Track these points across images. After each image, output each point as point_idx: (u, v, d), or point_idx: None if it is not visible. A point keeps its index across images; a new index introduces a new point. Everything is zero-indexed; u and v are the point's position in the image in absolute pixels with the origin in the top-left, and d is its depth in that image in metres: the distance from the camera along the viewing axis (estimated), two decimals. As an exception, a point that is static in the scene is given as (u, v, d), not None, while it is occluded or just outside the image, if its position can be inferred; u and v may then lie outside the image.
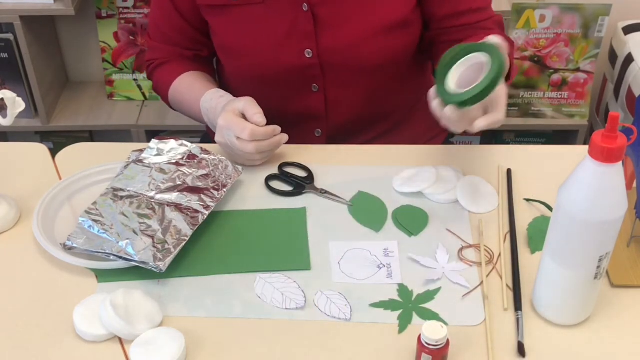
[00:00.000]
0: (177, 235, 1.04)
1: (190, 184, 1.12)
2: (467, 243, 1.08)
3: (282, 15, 1.21)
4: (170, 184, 1.12)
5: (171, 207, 1.08)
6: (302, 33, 1.21)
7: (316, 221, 1.12)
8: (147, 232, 1.04)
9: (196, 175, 1.14)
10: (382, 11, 1.21)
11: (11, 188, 1.17)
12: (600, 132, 0.81)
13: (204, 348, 0.93)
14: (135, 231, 1.03)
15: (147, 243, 1.02)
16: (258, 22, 1.22)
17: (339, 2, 1.20)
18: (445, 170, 1.19)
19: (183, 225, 1.05)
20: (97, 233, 1.04)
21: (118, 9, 2.14)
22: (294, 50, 1.23)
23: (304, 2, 1.19)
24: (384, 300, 0.99)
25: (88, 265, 1.03)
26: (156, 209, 1.07)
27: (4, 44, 2.04)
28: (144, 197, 1.09)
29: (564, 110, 2.20)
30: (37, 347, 0.94)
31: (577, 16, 2.04)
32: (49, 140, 2.32)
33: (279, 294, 1.00)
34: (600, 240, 0.87)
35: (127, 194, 1.10)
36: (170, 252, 1.02)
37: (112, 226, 1.04)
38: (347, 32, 1.21)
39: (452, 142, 1.52)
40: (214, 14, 1.26)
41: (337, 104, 1.30)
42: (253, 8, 1.22)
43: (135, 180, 1.12)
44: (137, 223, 1.05)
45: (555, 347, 0.93)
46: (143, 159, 1.16)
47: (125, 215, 1.06)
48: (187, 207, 1.08)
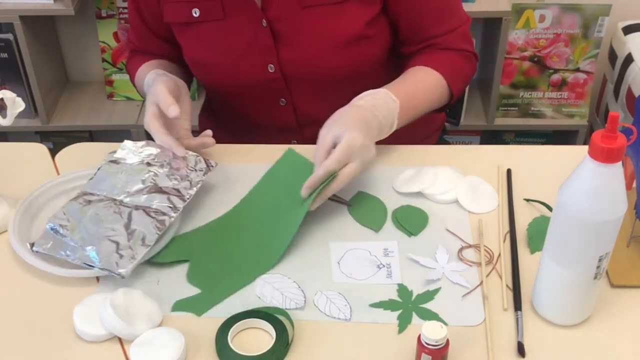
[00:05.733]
0: (140, 241, 1.03)
1: (161, 184, 1.11)
2: (467, 243, 1.08)
3: (243, 31, 1.23)
4: (140, 186, 1.11)
5: (139, 210, 1.07)
6: (263, 48, 1.23)
7: (316, 221, 1.12)
8: (113, 238, 1.03)
9: (166, 176, 1.12)
10: (338, 27, 1.22)
11: (11, 188, 1.17)
12: (600, 132, 0.81)
13: (204, 348, 0.93)
14: (100, 237, 1.03)
15: (111, 249, 1.01)
16: (220, 38, 1.25)
17: (295, 19, 1.21)
18: (445, 170, 1.19)
19: (149, 231, 1.04)
20: (61, 238, 1.03)
21: (118, 9, 2.14)
22: (256, 65, 1.25)
23: (263, 18, 1.21)
24: (384, 300, 0.99)
25: (54, 272, 1.01)
26: (123, 213, 1.06)
27: (4, 44, 2.04)
28: (112, 202, 1.08)
29: (563, 111, 2.20)
30: (37, 347, 0.94)
31: (577, 16, 2.04)
32: (49, 140, 2.32)
33: (278, 294, 1.00)
34: (600, 240, 0.87)
35: (97, 198, 1.09)
36: (133, 258, 1.01)
37: (78, 231, 1.04)
38: (306, 47, 1.23)
39: (448, 142, 1.52)
40: (179, 31, 1.29)
41: (307, 116, 1.32)
42: (215, 24, 1.24)
43: (105, 182, 1.11)
44: (103, 228, 1.04)
45: (555, 347, 0.93)
46: (117, 159, 1.15)
47: (93, 221, 1.05)
48: (155, 210, 1.07)
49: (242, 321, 0.95)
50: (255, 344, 0.93)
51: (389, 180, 1.19)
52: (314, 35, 1.22)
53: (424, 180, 1.17)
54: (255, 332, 0.95)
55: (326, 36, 1.22)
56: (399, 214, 1.13)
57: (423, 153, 1.26)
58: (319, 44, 1.22)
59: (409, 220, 1.12)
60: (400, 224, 1.11)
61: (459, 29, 1.28)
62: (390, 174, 1.20)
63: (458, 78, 1.28)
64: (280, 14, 1.21)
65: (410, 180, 1.18)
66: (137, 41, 1.38)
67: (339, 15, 1.21)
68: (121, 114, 2.22)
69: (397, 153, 1.26)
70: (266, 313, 0.96)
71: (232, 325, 0.94)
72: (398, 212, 1.14)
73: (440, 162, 1.22)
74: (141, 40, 1.37)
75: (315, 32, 1.22)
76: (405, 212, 1.14)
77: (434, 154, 1.26)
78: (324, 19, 1.21)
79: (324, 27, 1.21)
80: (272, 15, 1.21)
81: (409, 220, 1.12)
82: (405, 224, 1.11)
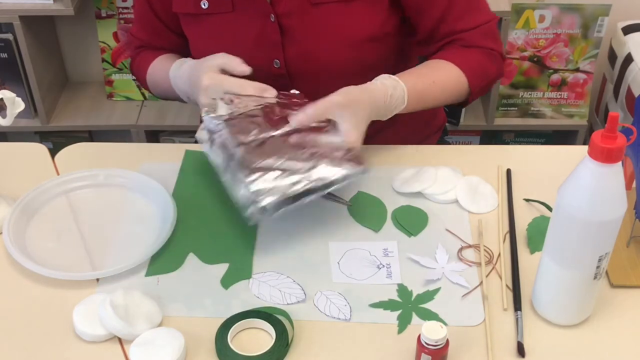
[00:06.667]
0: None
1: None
2: (467, 243, 1.08)
3: (250, 25, 1.23)
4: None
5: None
6: (270, 43, 1.23)
7: (316, 221, 1.12)
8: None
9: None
10: (346, 25, 1.21)
11: (11, 188, 1.17)
12: (600, 132, 0.81)
13: (203, 348, 0.93)
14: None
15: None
16: (228, 31, 1.24)
17: (305, 15, 1.21)
18: (445, 170, 1.19)
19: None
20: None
21: (117, 9, 2.14)
22: (262, 60, 1.24)
23: (271, 13, 1.20)
24: (384, 301, 0.99)
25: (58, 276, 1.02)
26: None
27: (4, 44, 2.04)
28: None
29: (563, 111, 2.20)
30: (37, 347, 0.94)
31: (577, 16, 2.04)
32: (49, 140, 2.32)
33: (276, 291, 1.00)
34: (600, 240, 0.87)
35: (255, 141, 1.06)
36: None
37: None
38: (314, 45, 1.22)
39: (449, 142, 1.52)
40: (187, 22, 1.28)
41: None
42: (223, 17, 1.23)
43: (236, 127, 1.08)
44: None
45: (555, 347, 0.93)
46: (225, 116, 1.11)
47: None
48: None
49: (242, 321, 0.95)
50: (255, 344, 0.93)
51: (389, 180, 1.19)
52: (322, 32, 1.21)
53: (423, 180, 1.17)
54: (255, 332, 0.95)
55: (334, 34, 1.21)
56: (398, 214, 1.13)
57: (423, 153, 1.26)
58: (327, 41, 1.22)
59: (409, 220, 1.12)
60: (400, 224, 1.11)
61: (484, 26, 1.24)
62: (390, 174, 1.20)
63: (479, 76, 1.24)
64: (289, 9, 1.20)
65: (410, 180, 1.18)
66: (146, 36, 1.36)
67: (348, 14, 1.20)
68: (121, 114, 2.22)
69: (397, 153, 1.26)
70: (266, 313, 0.96)
71: (232, 325, 0.94)
72: (398, 212, 1.14)
73: (440, 162, 1.22)
74: (151, 34, 1.35)
75: (323, 29, 1.21)
76: (405, 212, 1.14)
77: (434, 154, 1.26)
78: (332, 17, 1.20)
79: (332, 25, 1.21)
80: (280, 10, 1.20)
81: (409, 220, 1.12)
82: (405, 224, 1.11)
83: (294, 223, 1.11)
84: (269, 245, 1.08)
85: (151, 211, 1.14)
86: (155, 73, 1.34)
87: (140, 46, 1.39)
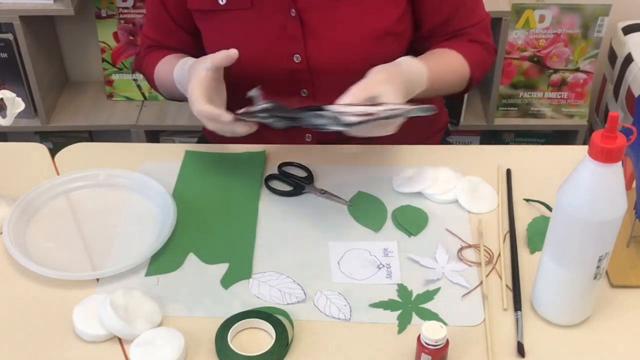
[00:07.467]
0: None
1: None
2: (467, 243, 1.08)
3: (270, 20, 1.22)
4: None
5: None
6: (290, 38, 1.22)
7: (316, 221, 1.12)
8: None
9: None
10: (370, 20, 1.21)
11: (11, 188, 1.17)
12: (600, 132, 0.81)
13: (203, 348, 0.93)
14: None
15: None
16: (246, 27, 1.23)
17: (327, 9, 1.21)
18: (445, 170, 1.19)
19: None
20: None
21: (118, 9, 2.14)
22: (282, 55, 1.23)
23: (292, 8, 1.20)
24: (384, 300, 0.99)
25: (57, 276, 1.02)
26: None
27: (4, 44, 2.04)
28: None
29: (563, 111, 2.20)
30: (37, 347, 0.94)
31: (577, 16, 2.04)
32: (49, 140, 2.31)
33: (276, 291, 1.00)
34: (600, 240, 0.87)
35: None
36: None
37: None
38: (335, 39, 1.22)
39: (450, 142, 1.52)
40: (203, 19, 1.27)
41: None
42: (241, 13, 1.23)
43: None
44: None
45: (555, 347, 0.93)
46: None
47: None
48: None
49: (242, 321, 0.95)
50: (255, 344, 0.93)
51: (389, 180, 1.19)
52: (345, 27, 1.21)
53: (424, 180, 1.17)
54: (255, 332, 0.95)
55: (355, 29, 1.21)
56: (398, 214, 1.13)
57: (423, 153, 1.26)
58: (348, 36, 1.21)
59: (409, 220, 1.12)
60: (400, 224, 1.11)
61: (482, 23, 1.31)
62: (390, 174, 1.20)
63: (479, 66, 1.30)
64: (310, 3, 1.20)
65: (410, 180, 1.18)
66: (158, 35, 1.34)
67: (368, 9, 1.20)
68: (121, 114, 2.22)
69: (397, 153, 1.26)
70: (266, 313, 0.96)
71: (232, 325, 0.94)
72: (398, 212, 1.14)
73: (440, 162, 1.22)
74: (162, 34, 1.34)
75: (345, 24, 1.21)
76: (405, 212, 1.14)
77: (434, 154, 1.26)
78: (353, 12, 1.20)
79: (353, 19, 1.21)
80: (301, 4, 1.20)
81: (409, 220, 1.12)
82: (405, 224, 1.11)
83: (294, 223, 1.11)
84: (269, 245, 1.08)
85: (151, 211, 1.14)
86: (161, 74, 1.33)
87: (151, 46, 1.37)
